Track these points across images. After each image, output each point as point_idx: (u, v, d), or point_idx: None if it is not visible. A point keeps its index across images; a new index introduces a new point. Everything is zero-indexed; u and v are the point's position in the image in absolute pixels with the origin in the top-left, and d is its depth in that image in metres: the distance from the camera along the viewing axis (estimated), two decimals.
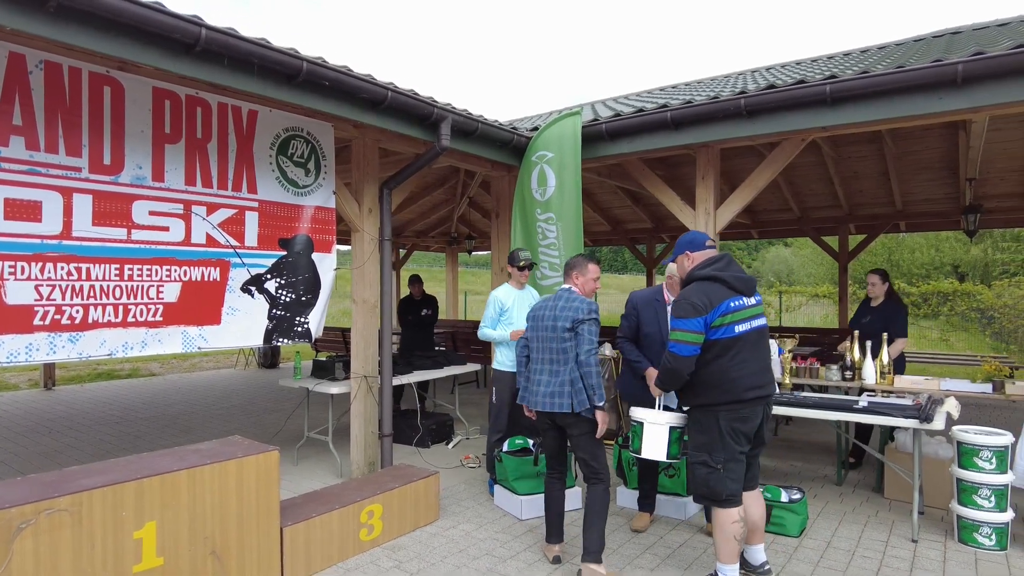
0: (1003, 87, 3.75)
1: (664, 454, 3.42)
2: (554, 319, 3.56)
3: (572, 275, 3.72)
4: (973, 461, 3.92)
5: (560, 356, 3.53)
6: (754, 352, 3.17)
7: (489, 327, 4.76)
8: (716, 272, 3.17)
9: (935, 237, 26.28)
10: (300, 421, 7.03)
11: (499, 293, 4.79)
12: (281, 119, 4.24)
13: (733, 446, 3.13)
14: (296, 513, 3.57)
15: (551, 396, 3.51)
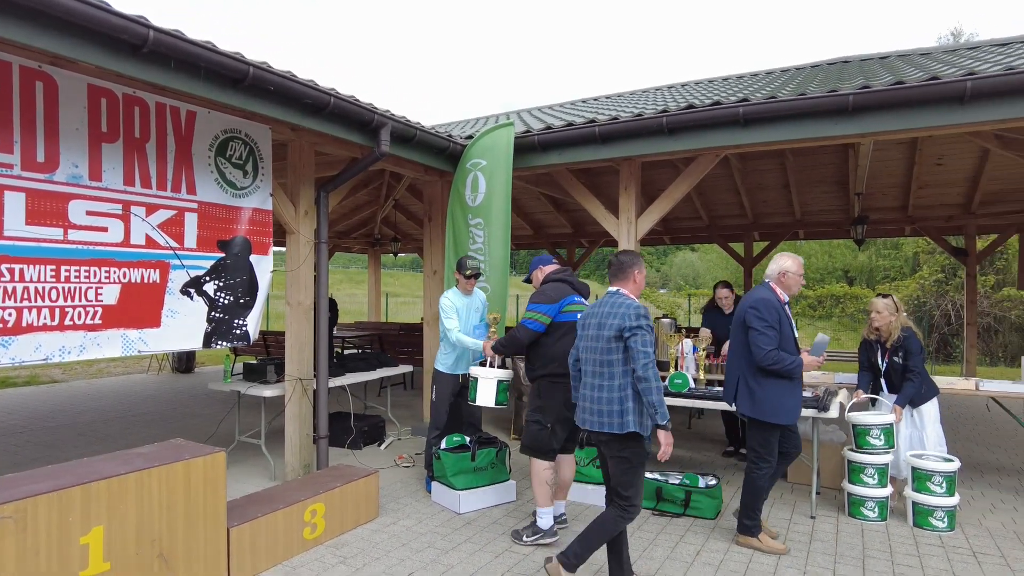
0: (885, 117, 4.29)
1: (493, 401, 4.31)
2: (599, 326, 3.22)
3: (631, 275, 3.34)
4: (866, 440, 4.43)
5: (605, 368, 3.17)
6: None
7: (462, 332, 4.76)
8: (564, 277, 4.10)
9: (829, 244, 28.45)
10: (229, 425, 6.89)
11: (452, 297, 4.83)
12: (220, 121, 4.23)
13: (564, 411, 3.89)
14: (241, 514, 3.59)
15: (599, 415, 3.17)
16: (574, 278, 4.13)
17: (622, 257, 3.39)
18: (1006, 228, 9.90)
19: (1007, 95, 3.97)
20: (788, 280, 3.91)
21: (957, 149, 7.38)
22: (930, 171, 8.14)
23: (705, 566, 3.67)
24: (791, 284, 3.91)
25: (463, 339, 4.74)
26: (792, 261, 3.92)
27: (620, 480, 3.17)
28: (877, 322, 4.73)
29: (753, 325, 3.76)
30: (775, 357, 3.69)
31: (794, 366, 3.72)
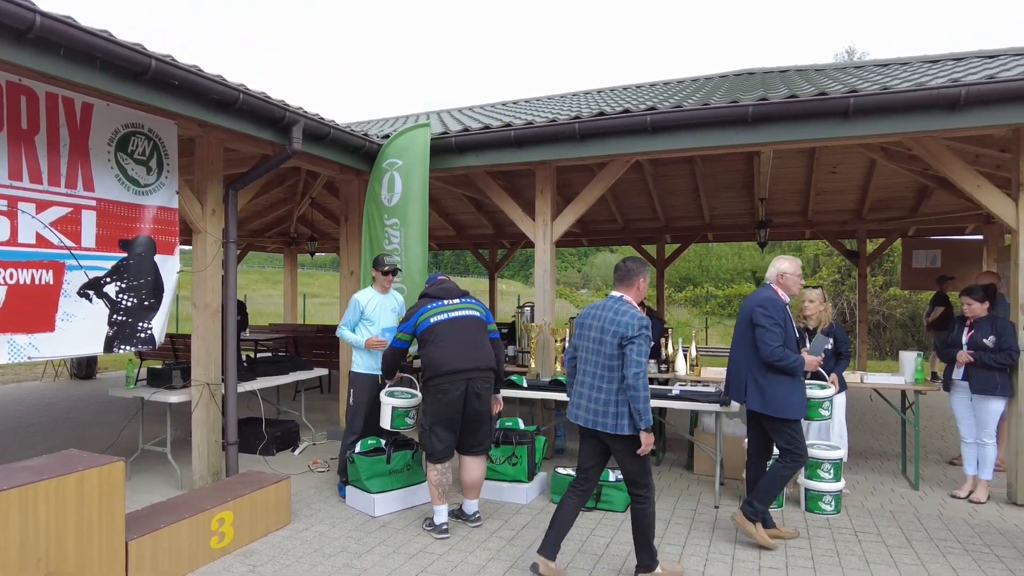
0: (781, 127, 4.59)
1: (388, 424, 4.40)
2: (601, 331, 3.35)
3: (635, 282, 3.45)
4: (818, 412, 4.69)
5: (606, 372, 3.33)
6: (451, 338, 4.08)
7: (348, 328, 4.84)
8: (424, 291, 4.34)
9: (738, 246, 29.90)
10: (133, 433, 6.54)
11: (360, 296, 4.86)
12: (120, 114, 4.03)
13: (440, 412, 4.02)
14: (142, 525, 3.44)
15: (594, 414, 3.34)
16: (433, 288, 4.32)
17: (629, 264, 3.51)
18: (891, 232, 10.73)
19: (884, 112, 4.34)
20: (787, 281, 4.05)
21: (849, 159, 7.95)
22: (826, 179, 8.72)
23: (614, 558, 3.80)
24: (790, 285, 4.05)
25: (346, 334, 4.78)
26: (789, 263, 4.06)
27: (631, 473, 3.37)
28: (809, 311, 5.02)
29: (761, 323, 3.89)
30: (781, 354, 3.82)
31: (797, 364, 3.86)
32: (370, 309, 4.82)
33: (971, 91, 4.12)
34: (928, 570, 3.64)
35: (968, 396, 4.86)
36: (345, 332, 4.85)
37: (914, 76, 5.23)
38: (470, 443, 4.20)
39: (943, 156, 4.79)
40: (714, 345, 17.85)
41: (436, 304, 4.21)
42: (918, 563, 3.74)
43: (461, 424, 4.12)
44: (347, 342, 4.85)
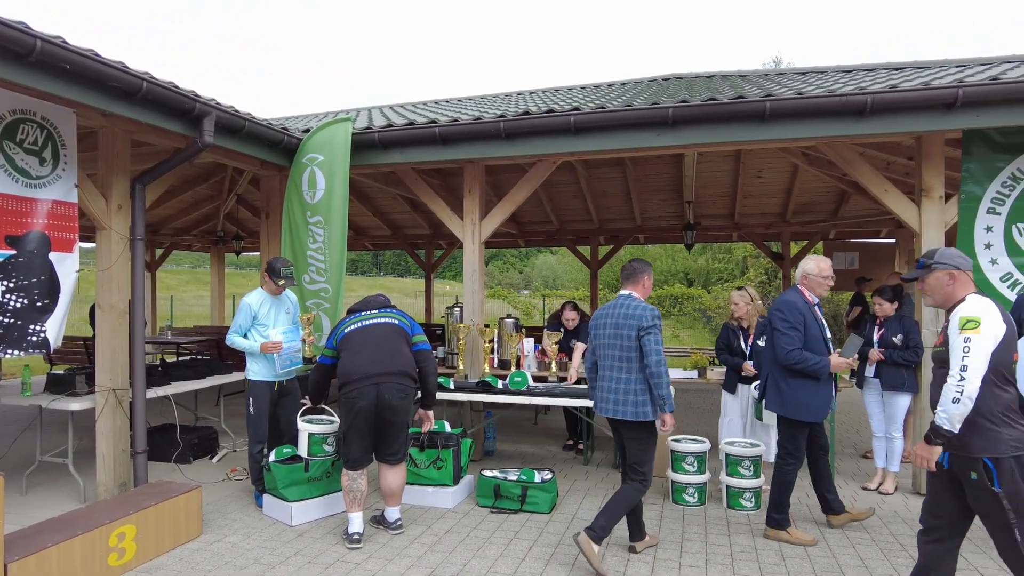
0: (701, 130, 4.67)
1: (305, 452, 4.46)
2: (616, 326, 3.63)
3: (641, 279, 3.78)
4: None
5: (625, 364, 3.61)
6: (361, 344, 4.03)
7: (239, 335, 4.59)
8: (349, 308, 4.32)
9: (671, 248, 30.60)
10: (30, 444, 6.10)
11: (251, 298, 4.64)
12: (6, 99, 3.72)
13: (351, 419, 3.94)
14: (26, 545, 3.18)
15: (614, 403, 3.64)
16: (358, 303, 4.32)
17: (635, 264, 3.82)
18: (813, 235, 11.16)
19: (798, 116, 4.47)
20: (810, 282, 4.04)
21: (773, 164, 8.20)
22: (752, 183, 8.98)
23: (536, 561, 3.77)
24: (814, 286, 4.03)
25: (236, 340, 4.58)
26: (813, 263, 4.03)
27: (637, 458, 3.67)
28: (738, 312, 5.20)
29: (776, 326, 3.92)
30: (797, 357, 3.83)
31: (819, 366, 3.82)
32: (263, 312, 4.61)
33: (876, 99, 4.29)
34: (838, 560, 3.76)
35: (879, 392, 5.07)
36: (236, 339, 4.57)
37: (827, 84, 5.42)
38: (384, 451, 4.10)
39: (855, 162, 4.97)
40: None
41: (353, 316, 4.20)
42: (829, 555, 3.85)
43: (375, 432, 4.02)
44: (239, 349, 4.59)
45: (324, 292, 5.67)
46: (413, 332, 4.23)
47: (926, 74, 5.35)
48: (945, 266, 2.76)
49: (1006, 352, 2.60)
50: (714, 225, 10.71)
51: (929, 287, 2.83)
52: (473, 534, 4.17)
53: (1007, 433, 2.56)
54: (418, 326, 4.31)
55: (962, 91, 4.18)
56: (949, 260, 2.76)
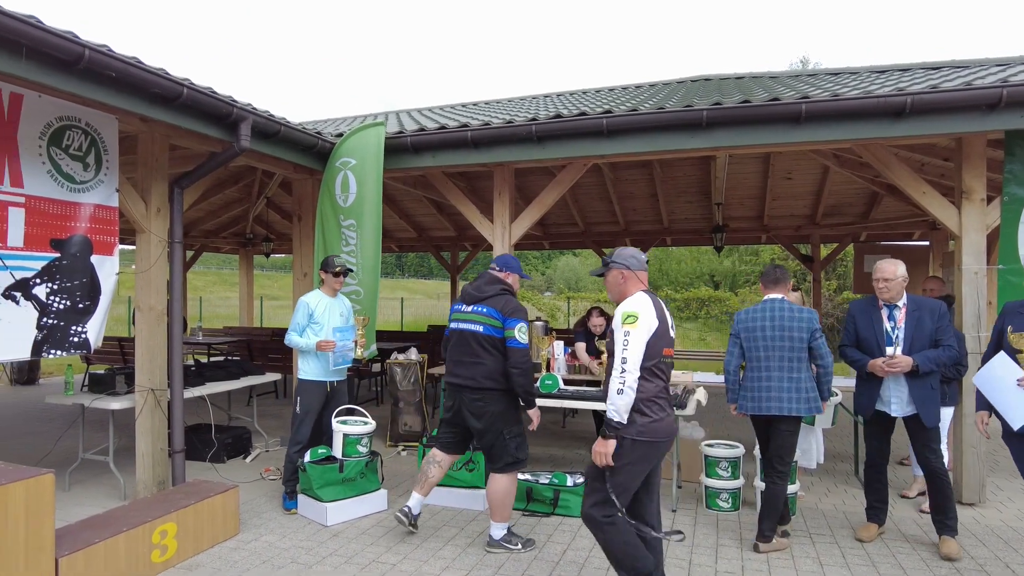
0: (734, 132, 4.63)
1: (340, 452, 4.50)
2: (781, 328, 3.86)
3: (788, 285, 4.04)
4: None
5: (796, 363, 3.84)
6: (455, 348, 3.99)
7: (297, 333, 4.67)
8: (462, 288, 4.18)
9: (696, 251, 30.34)
10: (72, 442, 6.25)
11: (309, 298, 4.72)
12: (53, 107, 3.83)
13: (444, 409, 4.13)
14: (74, 541, 3.26)
15: (787, 401, 3.84)
16: (470, 285, 4.11)
17: (779, 272, 4.05)
18: (843, 238, 11.00)
19: (834, 118, 4.41)
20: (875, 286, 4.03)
21: (803, 165, 8.11)
22: (781, 185, 8.88)
23: (570, 565, 3.76)
24: (876, 289, 4.01)
25: (294, 339, 4.62)
26: (875, 266, 4.00)
27: (788, 451, 3.93)
28: None
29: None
30: (841, 352, 4.13)
31: (857, 365, 4.02)
32: (319, 312, 4.68)
33: (916, 100, 4.22)
34: (879, 570, 3.69)
35: None
36: (293, 337, 4.65)
37: (862, 85, 5.34)
38: (485, 457, 4.10)
39: (891, 163, 4.89)
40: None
41: (456, 308, 4.08)
42: (869, 564, 3.78)
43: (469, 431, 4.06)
44: (296, 348, 4.68)
45: (356, 295, 5.72)
46: (505, 328, 3.85)
47: (966, 74, 5.25)
48: (619, 265, 3.08)
49: (656, 346, 2.90)
50: (742, 227, 10.61)
51: (607, 284, 3.14)
52: None
53: (641, 420, 2.90)
54: (513, 319, 3.84)
55: (1006, 91, 4.09)
56: (623, 260, 3.09)
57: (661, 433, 2.94)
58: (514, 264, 4.13)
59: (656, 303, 2.98)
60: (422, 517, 4.52)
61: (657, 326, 2.90)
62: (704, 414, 8.05)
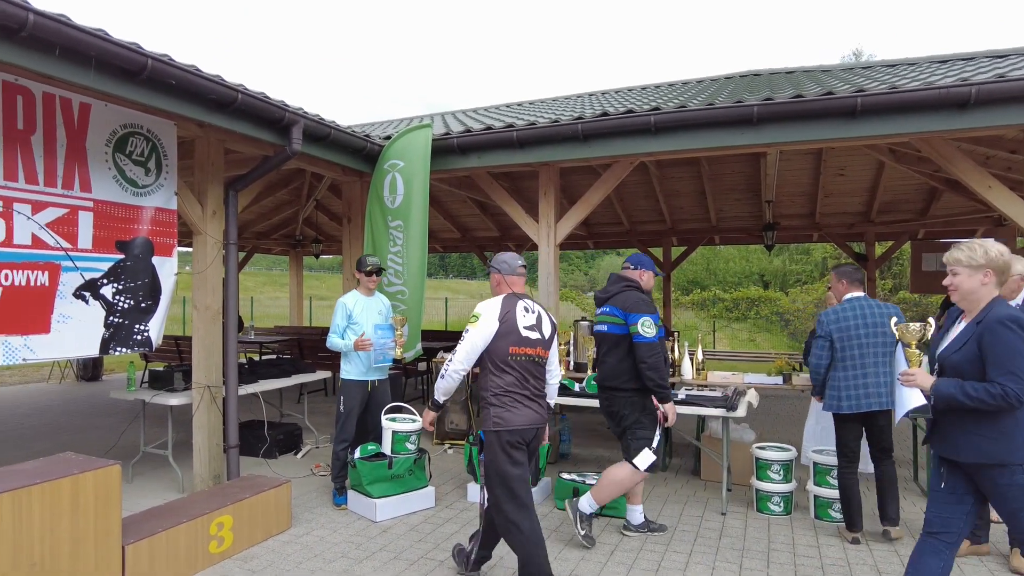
0: (786, 128, 4.51)
1: (389, 450, 4.61)
2: (875, 324, 3.96)
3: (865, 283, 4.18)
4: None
5: (889, 359, 3.96)
6: (600, 350, 4.15)
7: (337, 335, 4.73)
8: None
9: (745, 249, 29.70)
10: (134, 436, 6.52)
11: (346, 299, 4.81)
12: (118, 115, 4.00)
13: None
14: (139, 529, 3.40)
15: (884, 396, 3.93)
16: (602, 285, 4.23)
17: (859, 273, 4.19)
18: (900, 235, 10.61)
19: (892, 112, 4.25)
20: None
21: (857, 161, 7.85)
22: (834, 181, 8.62)
23: (619, 565, 3.73)
24: None
25: (335, 341, 4.69)
26: None
27: (886, 443, 4.09)
28: None
29: None
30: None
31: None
32: (357, 312, 4.76)
33: (981, 90, 4.04)
34: None
35: None
36: (334, 339, 4.71)
37: (922, 76, 5.14)
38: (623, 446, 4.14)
39: (953, 157, 4.70)
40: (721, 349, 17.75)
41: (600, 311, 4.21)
42: None
43: None
44: (336, 349, 4.73)
45: (401, 295, 5.79)
46: (628, 324, 3.88)
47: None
48: (494, 269, 3.39)
49: (500, 345, 3.16)
50: (793, 225, 10.34)
51: (490, 284, 3.47)
52: (553, 536, 4.17)
53: (493, 411, 3.15)
54: (635, 314, 3.85)
55: None
56: (497, 265, 3.39)
57: (514, 423, 3.15)
58: (646, 261, 4.22)
59: (510, 307, 3.23)
60: (469, 514, 4.55)
61: (498, 327, 3.17)
62: (755, 416, 7.88)
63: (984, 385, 2.47)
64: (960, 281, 2.62)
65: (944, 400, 2.57)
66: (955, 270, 2.64)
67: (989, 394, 2.45)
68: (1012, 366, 2.44)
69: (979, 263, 2.58)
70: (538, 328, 3.30)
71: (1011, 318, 2.49)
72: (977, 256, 2.58)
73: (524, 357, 3.21)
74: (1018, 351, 2.45)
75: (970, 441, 2.54)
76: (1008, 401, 2.42)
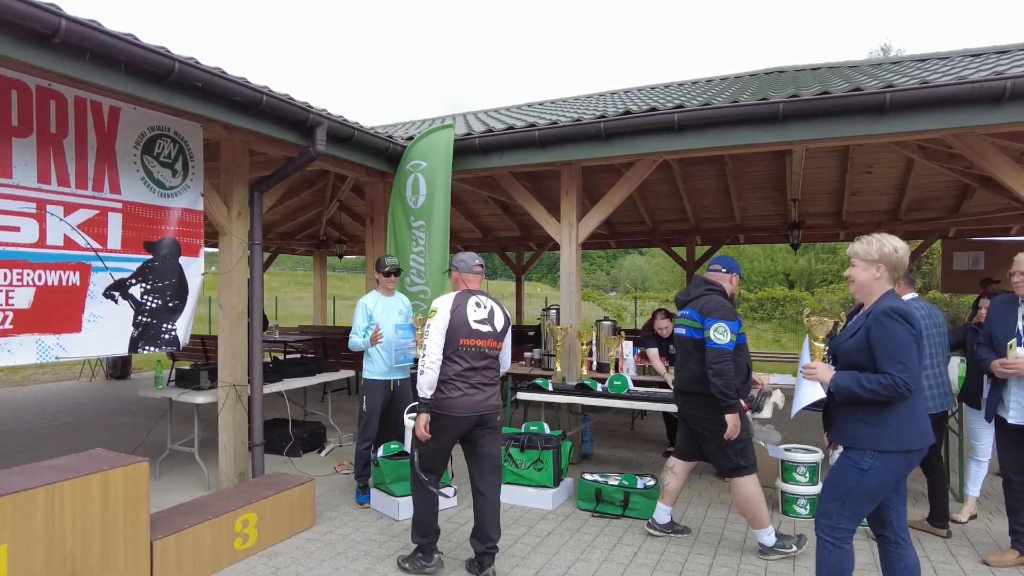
0: (812, 125, 4.44)
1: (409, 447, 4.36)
2: (936, 324, 4.06)
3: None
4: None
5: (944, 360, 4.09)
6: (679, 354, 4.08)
7: (359, 336, 4.72)
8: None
9: (771, 249, 29.33)
10: (161, 433, 6.63)
11: (366, 300, 4.83)
12: (146, 117, 4.07)
13: None
14: (166, 526, 3.45)
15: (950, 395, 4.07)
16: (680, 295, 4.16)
17: (914, 273, 4.24)
18: (930, 234, 10.39)
19: (922, 108, 4.17)
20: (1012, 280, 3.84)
21: (885, 158, 7.71)
22: (861, 179, 8.47)
23: (642, 567, 3.70)
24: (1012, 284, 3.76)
25: (355, 341, 4.68)
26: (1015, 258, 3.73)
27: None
28: None
29: None
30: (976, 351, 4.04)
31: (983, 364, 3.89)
32: (377, 312, 4.77)
33: (1017, 84, 3.93)
34: None
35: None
36: (355, 339, 4.70)
37: (954, 70, 5.03)
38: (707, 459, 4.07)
39: (987, 153, 4.59)
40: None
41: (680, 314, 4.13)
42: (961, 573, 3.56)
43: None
44: (358, 349, 4.72)
45: (423, 294, 5.81)
46: (703, 328, 3.83)
47: None
48: (454, 267, 3.69)
49: (453, 336, 3.43)
50: (819, 224, 10.18)
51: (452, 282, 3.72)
52: (576, 537, 4.15)
53: (440, 396, 3.42)
54: (710, 319, 3.79)
55: None
56: (456, 264, 3.70)
57: (456, 409, 3.42)
58: (735, 265, 4.19)
59: (460, 301, 3.51)
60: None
61: (451, 319, 3.45)
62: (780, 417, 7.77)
63: (876, 376, 2.57)
64: (855, 273, 2.75)
65: (842, 392, 2.64)
66: (853, 262, 2.77)
67: (881, 385, 2.55)
68: (899, 356, 2.55)
69: (873, 258, 2.70)
70: (490, 322, 3.57)
71: (896, 310, 2.60)
72: (872, 251, 2.70)
73: (474, 348, 3.48)
74: (905, 342, 2.56)
75: (851, 426, 2.68)
76: (899, 391, 2.53)
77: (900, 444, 2.59)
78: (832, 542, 2.72)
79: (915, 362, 2.56)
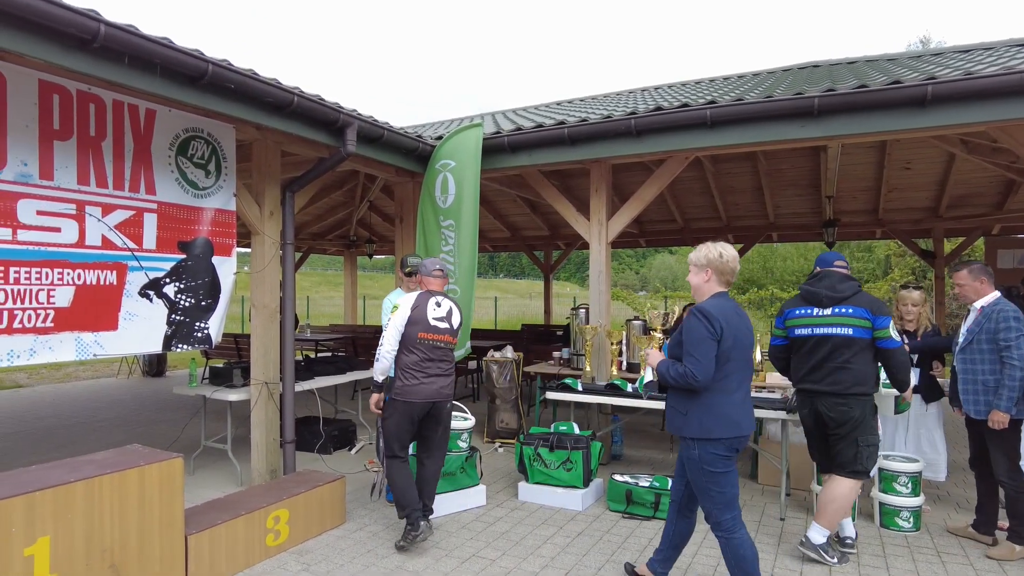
0: (849, 119, 4.32)
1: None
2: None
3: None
4: None
5: None
6: (810, 355, 3.80)
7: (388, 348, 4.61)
8: (801, 286, 4.00)
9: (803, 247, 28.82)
10: (196, 430, 6.76)
11: (391, 297, 4.89)
12: (180, 119, 4.14)
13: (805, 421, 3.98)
14: (200, 521, 3.51)
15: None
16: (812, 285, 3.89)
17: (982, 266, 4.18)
18: (972, 231, 10.08)
19: (966, 99, 4.02)
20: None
21: (924, 153, 7.49)
22: (899, 175, 8.25)
23: (674, 570, 3.64)
24: None
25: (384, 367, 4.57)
26: None
27: None
28: (909, 314, 4.84)
29: None
30: None
31: None
32: None
33: None
34: None
35: None
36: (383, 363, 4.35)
37: (1000, 60, 4.85)
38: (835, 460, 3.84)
39: None
40: None
41: (802, 311, 3.86)
42: None
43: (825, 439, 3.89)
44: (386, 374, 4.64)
45: (452, 294, 5.81)
46: (876, 328, 3.67)
47: None
48: (418, 271, 4.25)
49: (411, 331, 3.92)
50: (855, 222, 9.94)
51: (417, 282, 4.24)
52: (605, 538, 4.11)
53: (397, 383, 3.93)
54: (884, 317, 3.66)
55: None
56: (419, 267, 4.28)
57: (412, 395, 3.89)
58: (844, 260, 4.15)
59: (421, 301, 4.00)
60: (520, 513, 4.53)
61: (409, 315, 3.93)
62: None
63: (677, 365, 2.95)
64: (689, 277, 3.17)
65: (660, 376, 3.04)
66: (690, 267, 3.17)
67: (680, 373, 2.92)
68: (693, 349, 2.90)
69: (702, 263, 3.08)
70: (447, 319, 4.08)
71: (701, 309, 2.94)
72: (701, 257, 3.08)
73: (431, 342, 3.97)
74: (700, 337, 2.88)
75: (672, 416, 3.08)
76: (689, 380, 2.88)
77: (703, 432, 2.91)
78: (723, 535, 2.97)
79: (708, 356, 2.85)
